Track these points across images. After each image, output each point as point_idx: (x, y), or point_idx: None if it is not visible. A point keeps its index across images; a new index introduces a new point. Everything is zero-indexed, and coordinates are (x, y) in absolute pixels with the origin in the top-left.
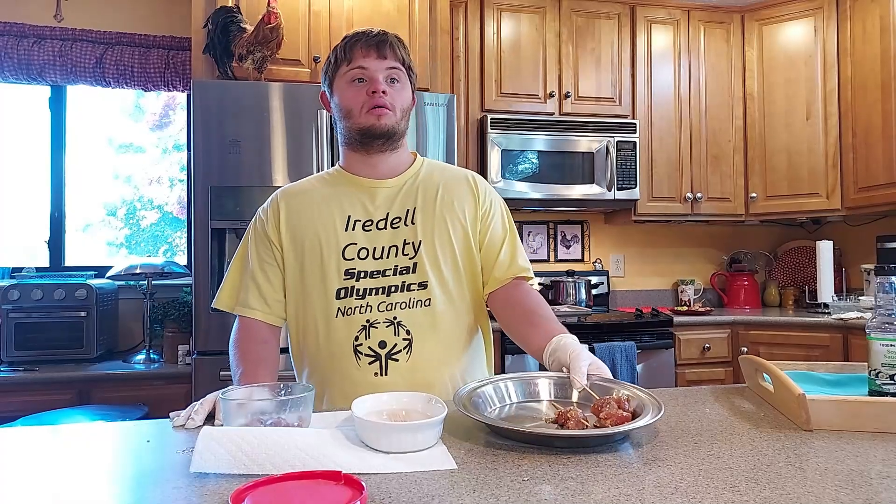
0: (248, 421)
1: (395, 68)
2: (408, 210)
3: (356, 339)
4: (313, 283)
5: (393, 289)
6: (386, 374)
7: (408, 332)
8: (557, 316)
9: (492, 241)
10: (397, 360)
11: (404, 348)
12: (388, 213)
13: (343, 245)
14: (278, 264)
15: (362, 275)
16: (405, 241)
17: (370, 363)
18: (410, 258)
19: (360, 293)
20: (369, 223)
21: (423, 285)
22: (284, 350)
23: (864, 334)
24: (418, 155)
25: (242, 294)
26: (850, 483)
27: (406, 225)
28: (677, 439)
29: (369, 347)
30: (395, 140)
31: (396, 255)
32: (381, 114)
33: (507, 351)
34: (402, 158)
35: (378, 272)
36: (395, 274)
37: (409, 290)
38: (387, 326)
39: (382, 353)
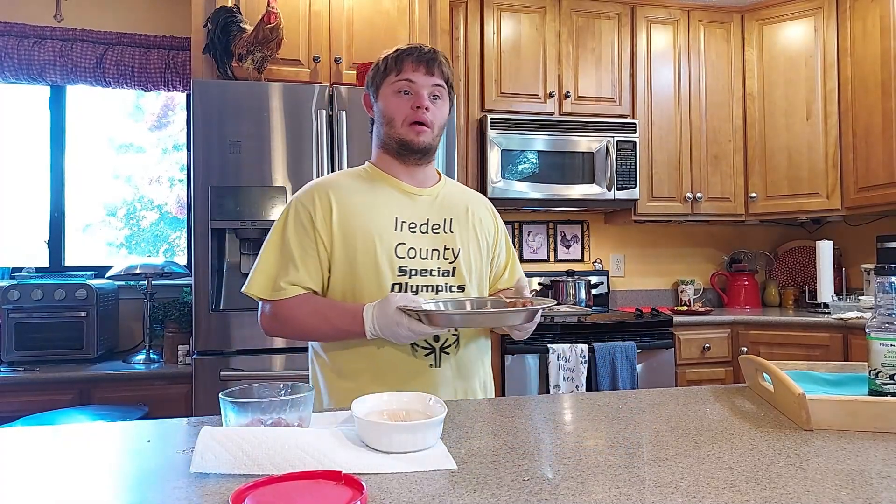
0: (248, 421)
1: (439, 85)
2: (445, 219)
3: None
4: (367, 277)
5: (439, 288)
6: (439, 366)
7: (455, 329)
8: (557, 316)
9: (499, 263)
10: (448, 354)
11: (453, 343)
12: (428, 219)
13: (394, 243)
14: (319, 255)
15: (413, 272)
16: (445, 246)
17: (426, 355)
18: (450, 262)
19: (414, 290)
20: (413, 226)
21: (461, 288)
22: (282, 350)
23: (864, 334)
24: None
25: (282, 278)
26: (851, 483)
27: (445, 232)
28: (678, 439)
29: (425, 341)
30: (430, 155)
31: (438, 259)
32: (421, 131)
33: (507, 351)
34: (432, 171)
35: (426, 271)
36: (438, 275)
37: (450, 290)
38: None
39: (437, 346)
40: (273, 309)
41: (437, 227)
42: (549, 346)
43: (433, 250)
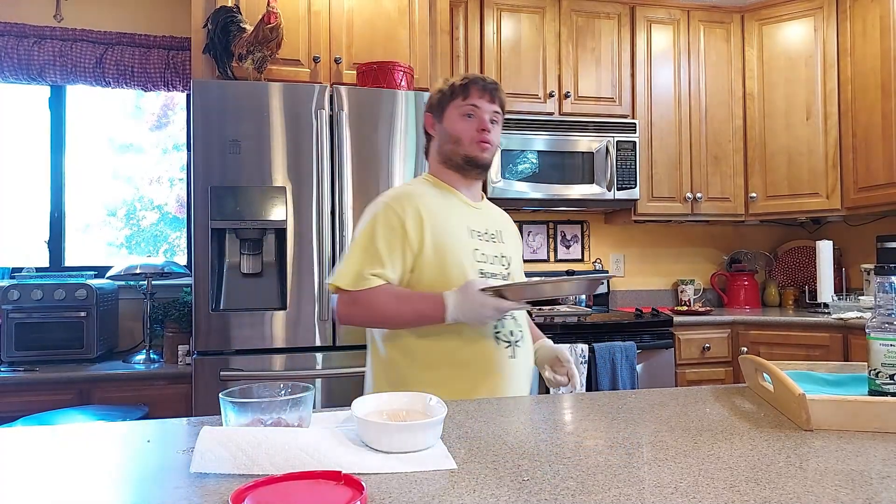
0: (248, 421)
1: (498, 112)
2: (497, 230)
3: (495, 328)
4: (457, 278)
5: None
6: (515, 357)
7: (520, 327)
8: (557, 316)
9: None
10: (520, 347)
11: (521, 338)
12: (487, 229)
13: (472, 248)
14: (404, 255)
15: (489, 275)
16: (501, 254)
17: (506, 347)
18: (506, 269)
19: None
20: (479, 234)
21: None
22: (282, 350)
23: (864, 334)
24: None
25: (367, 270)
26: (851, 483)
27: (499, 242)
28: (677, 439)
29: (504, 335)
30: (486, 171)
31: (497, 265)
32: (485, 148)
33: None
34: (480, 187)
35: (493, 275)
36: (500, 279)
37: None
38: (510, 320)
39: (512, 340)
40: (355, 297)
41: (493, 236)
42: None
43: (494, 256)
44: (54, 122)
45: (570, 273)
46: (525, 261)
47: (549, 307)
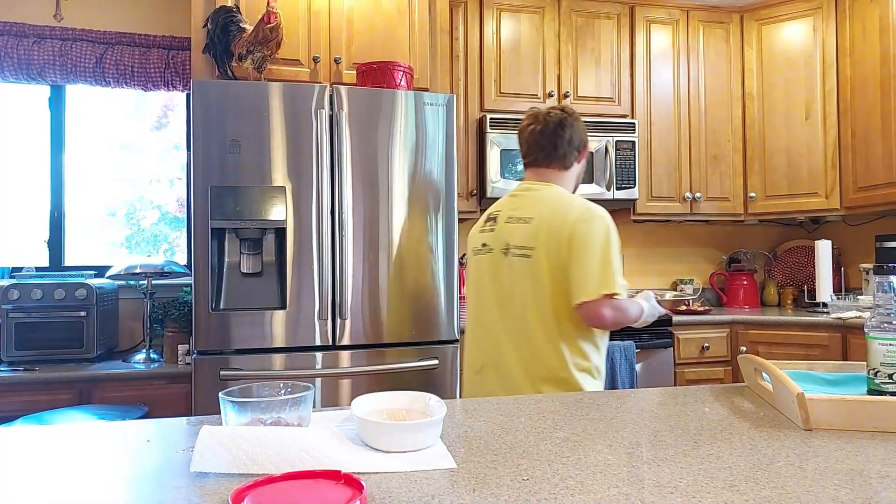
0: (248, 420)
1: None
2: None
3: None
4: None
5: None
6: None
7: None
8: None
9: None
10: None
11: None
12: None
13: None
14: None
15: None
16: None
17: None
18: None
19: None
20: None
21: None
22: (282, 350)
23: (863, 333)
24: None
25: (622, 279)
26: (850, 482)
27: None
28: (677, 438)
29: None
30: None
31: None
32: None
33: None
34: None
35: None
36: None
37: None
38: None
39: None
40: (617, 303)
41: None
42: None
43: None
44: (54, 122)
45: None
46: None
47: None
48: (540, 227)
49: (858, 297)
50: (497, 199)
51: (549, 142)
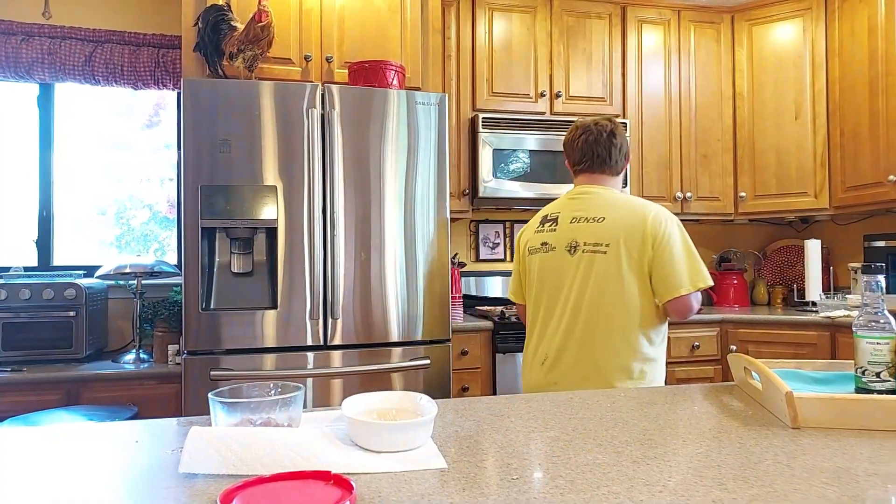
0: (237, 421)
1: None
2: None
3: None
4: None
5: None
6: None
7: None
8: None
9: None
10: None
11: None
12: None
13: None
14: None
15: None
16: None
17: None
18: None
19: None
20: None
21: None
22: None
23: (851, 332)
24: None
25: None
26: (837, 480)
27: None
28: (666, 437)
29: None
30: None
31: None
32: None
33: (497, 350)
34: None
35: None
36: None
37: None
38: None
39: None
40: (700, 295)
41: None
42: None
43: None
44: (43, 121)
45: None
46: None
47: None
48: (616, 225)
49: (847, 295)
50: (489, 198)
51: (604, 149)
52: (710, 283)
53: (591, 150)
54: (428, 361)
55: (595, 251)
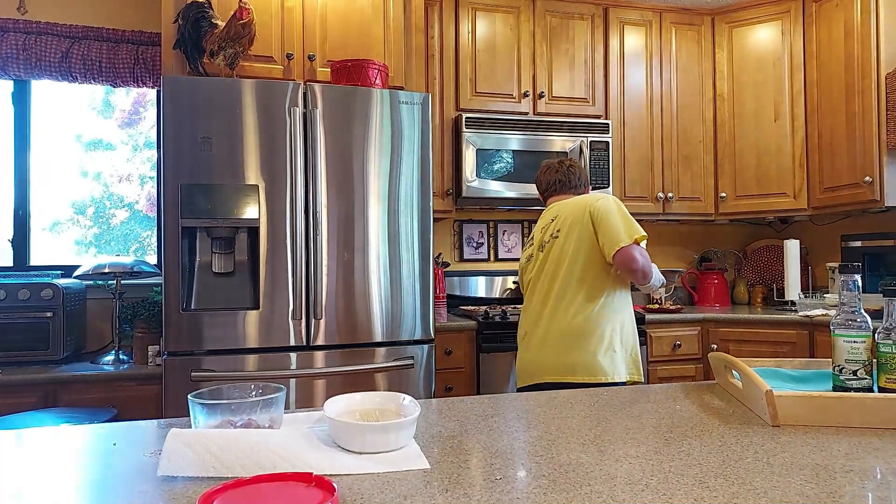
0: (217, 423)
1: None
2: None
3: None
4: None
5: None
6: None
7: None
8: None
9: None
10: None
11: None
12: None
13: None
14: None
15: None
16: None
17: None
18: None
19: None
20: None
21: None
22: (255, 350)
23: (829, 331)
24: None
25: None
26: (815, 477)
27: None
28: (648, 436)
29: None
30: None
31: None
32: None
33: (481, 350)
34: None
35: None
36: None
37: None
38: None
39: None
40: (643, 249)
41: None
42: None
43: None
44: (18, 118)
45: None
46: (500, 259)
47: None
48: (565, 217)
49: (825, 295)
50: (472, 197)
51: (563, 175)
52: (644, 234)
53: (553, 178)
54: (412, 361)
55: (552, 239)
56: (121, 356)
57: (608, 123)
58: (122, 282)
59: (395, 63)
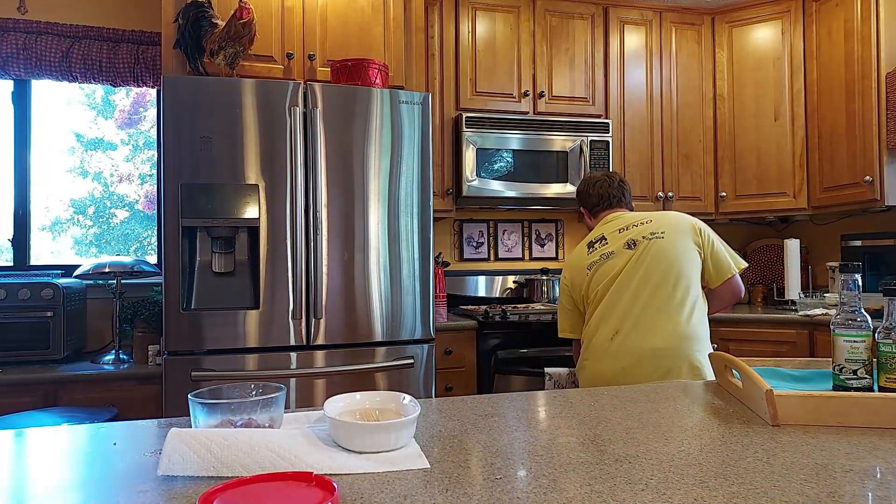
0: (217, 422)
1: None
2: None
3: None
4: None
5: None
6: None
7: None
8: (532, 314)
9: None
10: None
11: None
12: None
13: None
14: None
15: None
16: None
17: None
18: None
19: None
20: None
21: None
22: (255, 350)
23: (829, 330)
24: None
25: None
26: (816, 477)
27: None
28: (648, 436)
29: None
30: None
31: None
32: None
33: (498, 371)
34: None
35: None
36: None
37: None
38: None
39: None
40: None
41: None
42: (545, 368)
43: None
44: (18, 117)
45: (544, 272)
46: (500, 259)
47: (524, 305)
48: (661, 222)
49: (825, 294)
50: (473, 197)
51: (617, 191)
52: (746, 264)
53: (607, 192)
54: (412, 361)
55: (654, 238)
56: (121, 356)
57: (608, 123)
58: (123, 281)
59: (395, 62)
